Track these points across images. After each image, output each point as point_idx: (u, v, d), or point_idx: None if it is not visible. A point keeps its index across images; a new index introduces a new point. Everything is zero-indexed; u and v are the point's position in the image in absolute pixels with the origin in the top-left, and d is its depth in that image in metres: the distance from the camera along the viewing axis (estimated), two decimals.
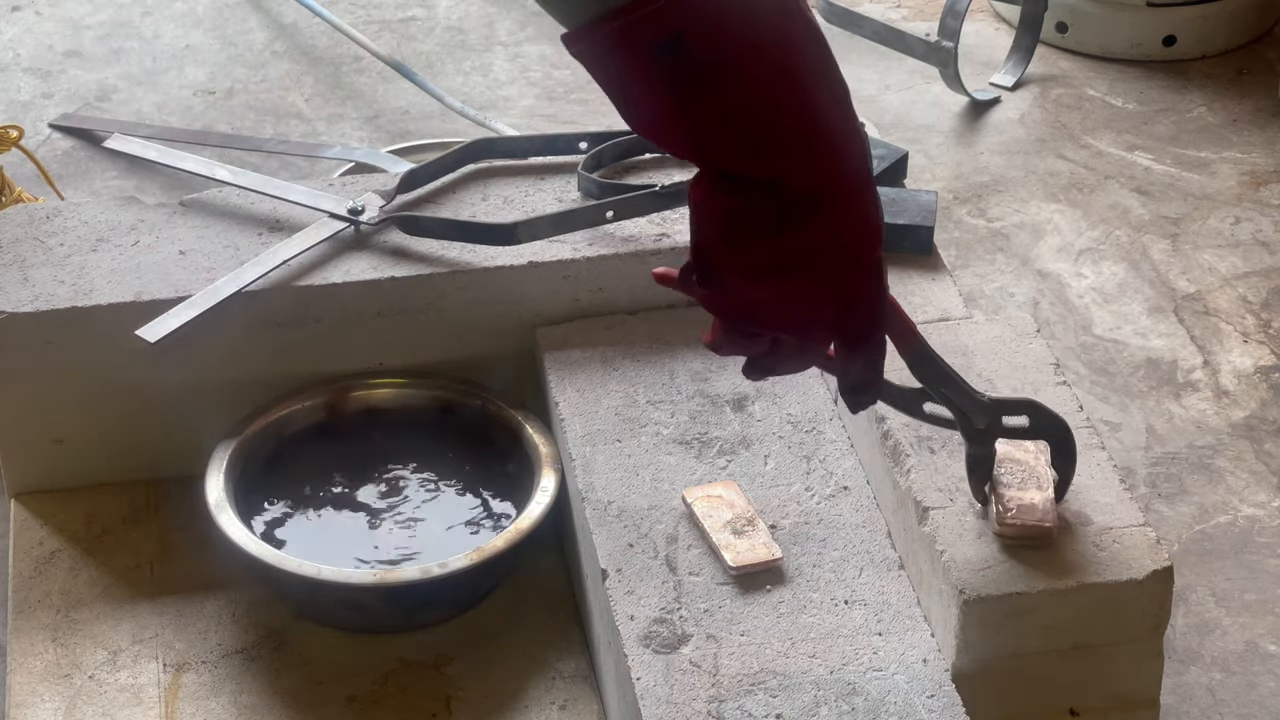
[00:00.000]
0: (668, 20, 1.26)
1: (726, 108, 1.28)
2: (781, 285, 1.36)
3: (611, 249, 1.92)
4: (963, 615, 1.56)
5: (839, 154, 1.32)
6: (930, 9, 2.96)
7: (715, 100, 1.28)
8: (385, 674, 1.77)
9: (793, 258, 1.34)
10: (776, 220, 1.32)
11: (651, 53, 1.26)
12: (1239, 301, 2.40)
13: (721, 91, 1.28)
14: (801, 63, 1.30)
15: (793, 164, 1.30)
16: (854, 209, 1.35)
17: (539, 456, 1.85)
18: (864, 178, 1.34)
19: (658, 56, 1.26)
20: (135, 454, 1.94)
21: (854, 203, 1.34)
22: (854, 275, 1.38)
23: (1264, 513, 2.09)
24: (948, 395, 1.57)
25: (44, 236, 1.94)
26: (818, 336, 1.43)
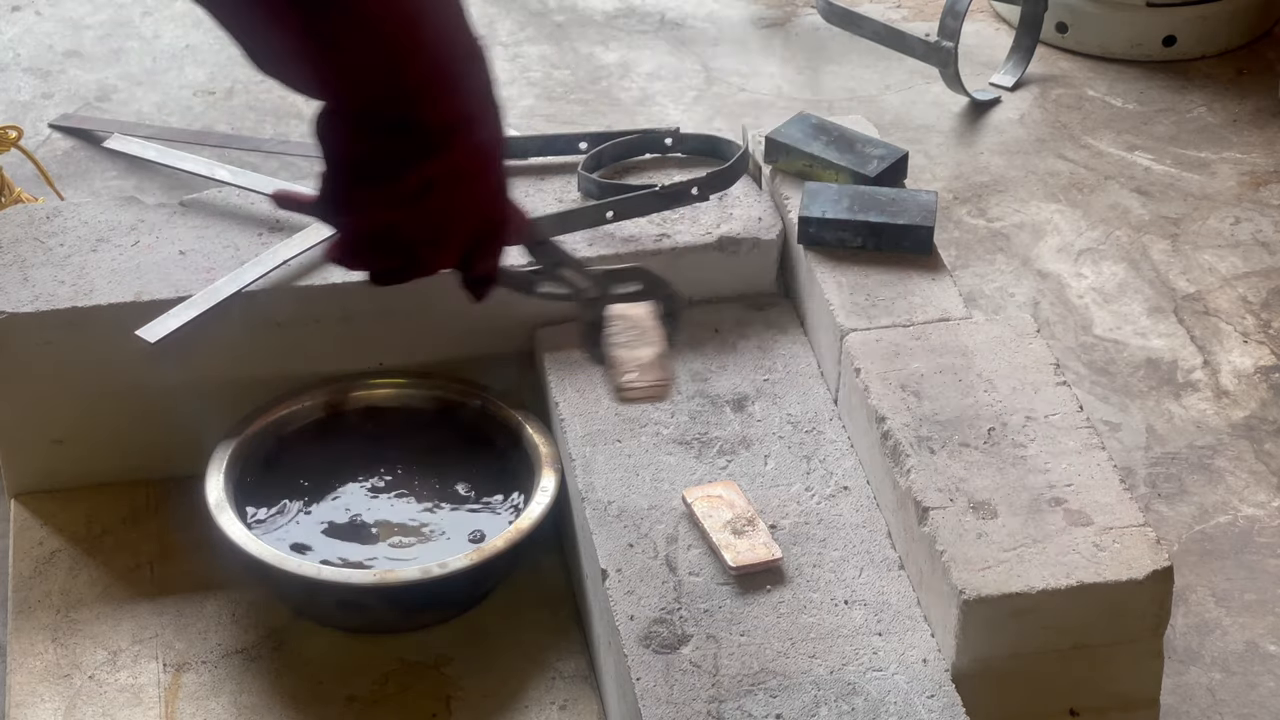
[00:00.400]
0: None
1: (364, 53, 1.35)
2: (423, 206, 1.44)
3: (611, 249, 1.92)
4: (963, 615, 1.56)
5: (467, 86, 1.41)
6: (930, 9, 2.96)
7: (353, 46, 1.34)
8: (385, 674, 1.77)
9: (433, 182, 1.42)
10: (416, 151, 1.40)
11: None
12: (1239, 301, 2.40)
13: (360, 38, 1.33)
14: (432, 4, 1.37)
15: (428, 103, 1.38)
16: (483, 129, 1.44)
17: (539, 456, 1.85)
18: (488, 100, 1.44)
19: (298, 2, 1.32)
20: (135, 454, 1.94)
21: (482, 123, 1.44)
22: (486, 186, 1.48)
23: (1264, 513, 2.09)
24: (561, 274, 1.65)
25: (44, 236, 1.94)
26: (449, 249, 1.50)
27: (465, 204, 1.48)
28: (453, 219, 1.48)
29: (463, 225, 1.50)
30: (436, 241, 1.49)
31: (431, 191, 1.44)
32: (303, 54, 1.36)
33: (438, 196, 1.44)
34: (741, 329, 1.93)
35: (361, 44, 1.35)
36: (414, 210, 1.45)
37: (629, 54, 2.87)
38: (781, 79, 2.82)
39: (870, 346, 1.79)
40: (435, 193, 1.44)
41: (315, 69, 1.37)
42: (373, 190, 1.43)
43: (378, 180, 1.43)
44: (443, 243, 1.50)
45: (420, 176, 1.42)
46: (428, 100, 1.39)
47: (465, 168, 1.45)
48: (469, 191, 1.47)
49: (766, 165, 2.00)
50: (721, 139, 2.03)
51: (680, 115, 2.72)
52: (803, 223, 1.90)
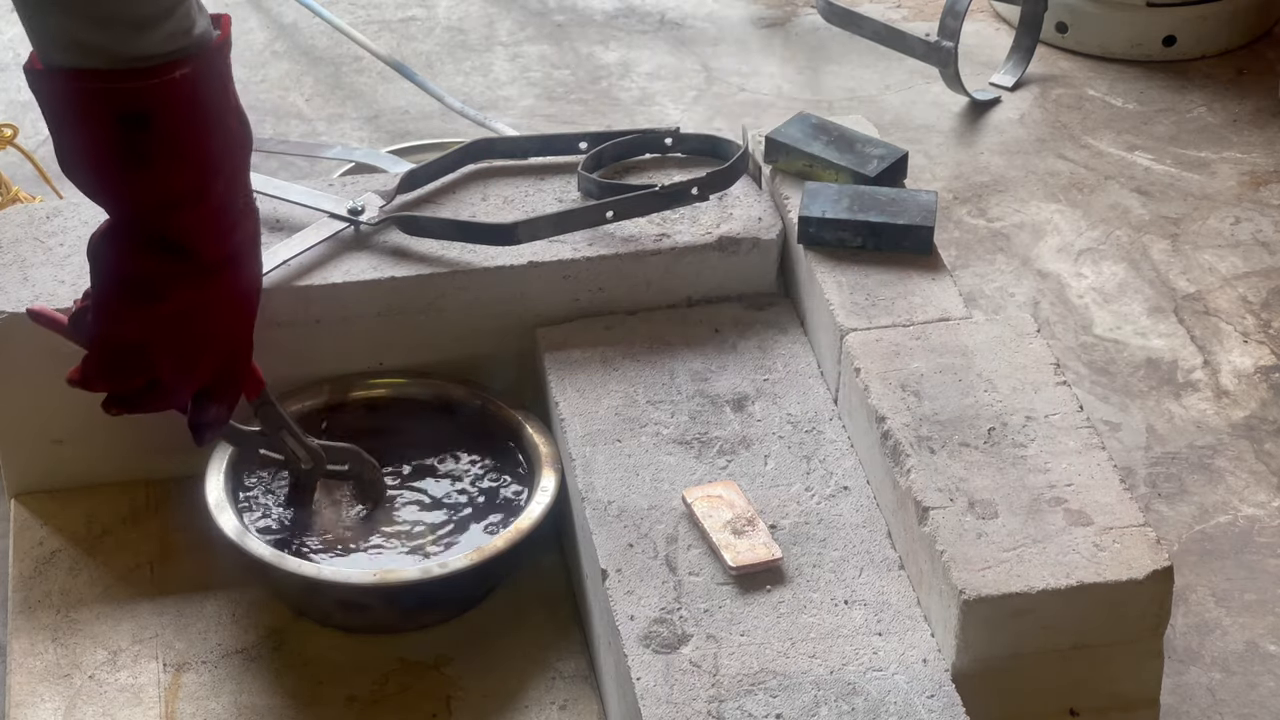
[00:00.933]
0: (144, 100, 1.45)
1: (167, 186, 1.50)
2: (177, 330, 1.57)
3: (611, 249, 1.92)
4: (963, 615, 1.56)
5: (244, 233, 1.58)
6: (930, 9, 2.96)
7: (159, 177, 1.49)
8: (385, 674, 1.77)
9: (195, 308, 1.57)
10: (190, 282, 1.55)
11: (116, 120, 1.45)
12: (1239, 301, 2.40)
13: (167, 171, 1.49)
14: (235, 153, 1.54)
15: (211, 238, 1.55)
16: (247, 274, 1.62)
17: (539, 456, 1.85)
18: (256, 254, 1.63)
19: (121, 125, 1.45)
20: (135, 454, 1.94)
21: (248, 269, 1.62)
22: (238, 329, 1.64)
23: (1264, 513, 2.09)
24: (283, 439, 1.79)
25: (44, 236, 1.94)
26: (193, 378, 1.64)
27: (216, 337, 1.61)
28: (201, 349, 1.61)
29: (209, 357, 1.63)
30: (181, 369, 1.61)
31: (188, 318, 1.57)
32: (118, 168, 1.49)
33: (193, 323, 1.58)
34: (741, 329, 1.93)
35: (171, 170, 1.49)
36: (168, 331, 1.58)
37: (629, 54, 2.87)
38: (781, 79, 2.82)
39: (870, 346, 1.79)
40: (192, 319, 1.58)
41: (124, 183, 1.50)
42: (135, 306, 1.56)
43: (142, 297, 1.56)
44: (186, 371, 1.62)
45: (183, 299, 1.56)
46: (212, 234, 1.55)
47: (224, 303, 1.59)
48: (222, 327, 1.61)
49: (766, 165, 2.00)
50: (721, 139, 2.03)
51: (680, 115, 2.72)
52: (803, 222, 1.90)
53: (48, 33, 1.45)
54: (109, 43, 1.43)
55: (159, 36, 1.44)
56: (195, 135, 1.49)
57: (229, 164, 1.53)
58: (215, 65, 1.49)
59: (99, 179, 1.51)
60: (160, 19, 1.45)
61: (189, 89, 1.47)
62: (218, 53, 1.49)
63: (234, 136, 1.53)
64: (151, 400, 1.64)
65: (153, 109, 1.45)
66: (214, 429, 1.70)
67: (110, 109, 1.45)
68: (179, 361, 1.61)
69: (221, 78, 1.50)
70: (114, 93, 1.44)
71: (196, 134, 1.49)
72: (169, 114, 1.46)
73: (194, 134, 1.49)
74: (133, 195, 1.51)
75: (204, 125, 1.50)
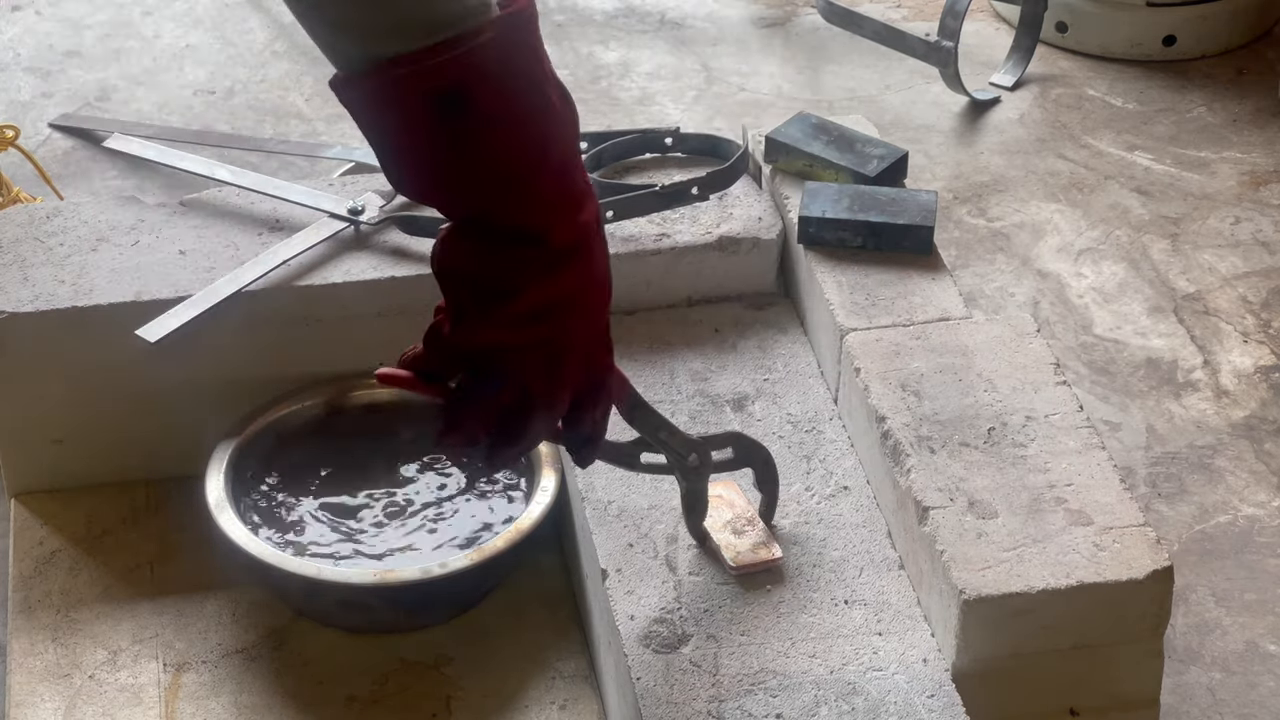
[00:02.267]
0: (453, 73, 1.32)
1: (499, 165, 1.37)
2: (542, 329, 1.43)
3: (611, 249, 1.91)
4: (963, 615, 1.56)
5: (589, 209, 1.44)
6: (930, 9, 2.96)
7: (489, 157, 1.36)
8: (385, 674, 1.77)
9: (557, 301, 1.43)
10: (543, 270, 1.41)
11: (431, 104, 1.33)
12: (1239, 301, 2.40)
13: (496, 149, 1.36)
14: (563, 127, 1.40)
15: (557, 218, 1.40)
16: (600, 258, 1.46)
17: (539, 456, 1.85)
18: (602, 231, 1.47)
19: (437, 109, 1.33)
20: (135, 454, 1.94)
21: (600, 253, 1.46)
22: (598, 325, 1.49)
23: (1264, 513, 2.09)
24: (662, 439, 1.64)
25: (44, 236, 1.94)
26: (563, 385, 1.48)
27: (582, 333, 1.47)
28: (565, 347, 1.46)
29: (575, 358, 1.47)
30: (548, 375, 1.46)
31: (552, 314, 1.43)
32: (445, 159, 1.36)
33: (557, 319, 1.44)
34: (741, 329, 1.93)
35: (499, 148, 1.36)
36: (529, 332, 1.44)
37: (629, 54, 2.87)
38: (781, 79, 2.82)
39: (870, 346, 1.79)
40: (555, 315, 1.44)
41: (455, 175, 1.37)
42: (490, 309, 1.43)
43: (496, 297, 1.42)
44: (554, 377, 1.47)
45: (539, 294, 1.42)
46: (556, 213, 1.41)
47: (581, 296, 1.45)
48: (585, 321, 1.46)
49: (766, 165, 2.00)
50: (721, 139, 2.03)
51: (680, 115, 2.72)
52: (803, 222, 1.90)
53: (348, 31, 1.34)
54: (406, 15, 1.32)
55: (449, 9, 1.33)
56: (516, 106, 1.36)
57: (559, 136, 1.40)
58: (522, 30, 1.38)
59: (429, 177, 1.39)
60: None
61: (499, 55, 1.35)
62: (522, 16, 1.38)
63: (556, 109, 1.39)
64: (525, 421, 1.48)
65: (466, 83, 1.33)
66: (595, 444, 1.56)
67: (423, 91, 1.33)
68: (545, 366, 1.46)
69: (531, 45, 1.39)
70: (422, 73, 1.32)
71: (517, 104, 1.36)
72: (484, 86, 1.34)
73: (515, 105, 1.36)
74: (466, 187, 1.38)
75: (523, 95, 1.37)
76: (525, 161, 1.38)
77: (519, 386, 1.47)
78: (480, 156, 1.36)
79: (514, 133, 1.37)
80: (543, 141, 1.39)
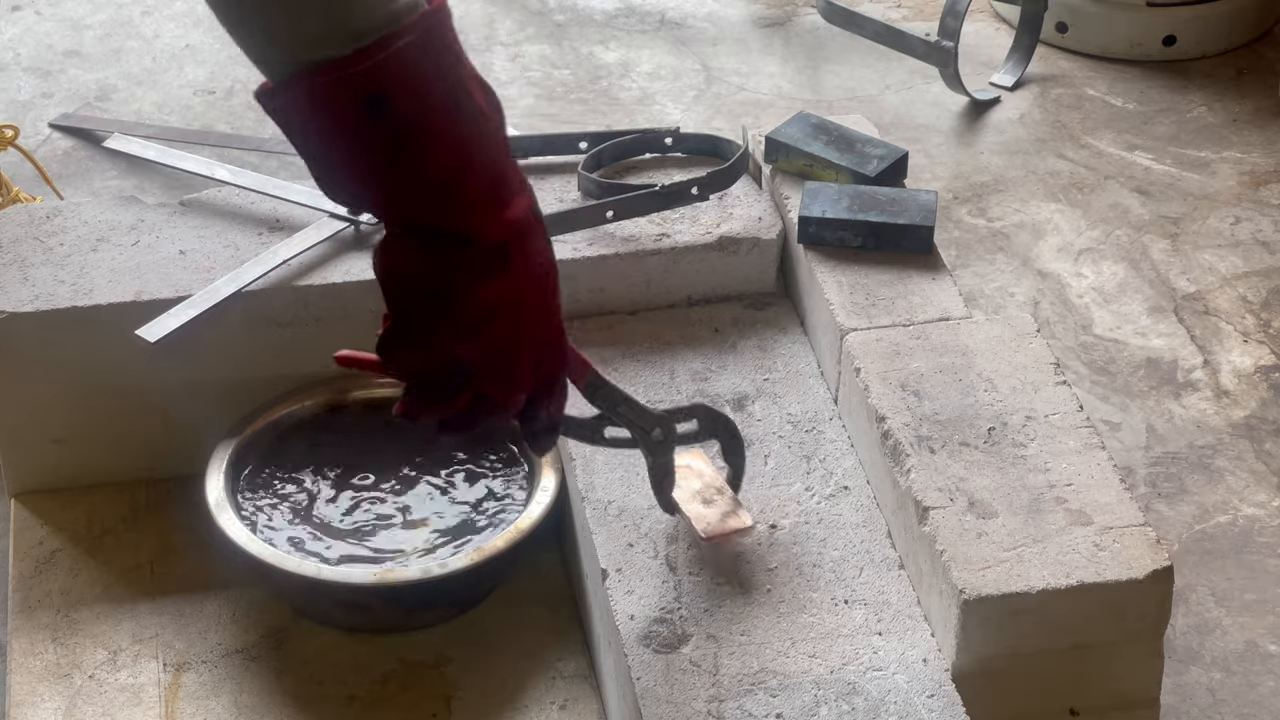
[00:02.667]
0: (378, 78, 1.34)
1: (427, 167, 1.37)
2: (488, 334, 1.44)
3: (611, 249, 1.92)
4: (963, 615, 1.56)
5: (520, 203, 1.44)
6: (930, 9, 2.96)
7: (417, 158, 1.37)
8: (385, 674, 1.77)
9: (499, 303, 1.43)
10: (479, 271, 1.42)
11: (361, 108, 1.34)
12: (1239, 301, 2.40)
13: (422, 152, 1.37)
14: (488, 124, 1.40)
15: (486, 217, 1.41)
16: (537, 254, 1.46)
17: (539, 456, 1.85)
18: (539, 221, 1.46)
19: (367, 112, 1.34)
20: (135, 454, 1.94)
21: (537, 248, 1.46)
22: (546, 317, 1.49)
23: (1264, 513, 2.09)
24: (624, 414, 1.64)
25: (44, 236, 1.94)
26: (520, 383, 1.50)
27: (529, 332, 1.48)
28: (517, 349, 1.47)
29: (527, 357, 1.49)
30: (503, 376, 1.48)
31: (495, 318, 1.44)
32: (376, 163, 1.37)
33: (501, 322, 1.45)
34: (741, 329, 1.93)
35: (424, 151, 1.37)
36: (478, 340, 1.45)
37: (629, 54, 2.87)
38: (781, 79, 2.82)
39: (870, 346, 1.79)
40: (499, 319, 1.44)
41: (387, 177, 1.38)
42: (434, 314, 1.43)
43: (438, 302, 1.43)
44: (509, 377, 1.49)
45: (485, 297, 1.43)
46: (486, 211, 1.41)
47: (525, 291, 1.45)
48: (531, 320, 1.47)
49: (766, 165, 2.00)
50: (721, 139, 2.03)
51: (680, 115, 2.72)
52: (803, 222, 1.90)
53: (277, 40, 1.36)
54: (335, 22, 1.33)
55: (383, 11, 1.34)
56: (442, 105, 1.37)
57: (486, 133, 1.41)
58: (440, 29, 1.37)
59: (361, 182, 1.40)
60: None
61: (422, 56, 1.35)
62: (439, 15, 1.38)
63: (481, 106, 1.40)
64: (481, 415, 1.50)
65: (394, 85, 1.34)
66: (552, 433, 1.57)
67: (353, 95, 1.34)
68: (497, 367, 1.47)
69: (449, 43, 1.38)
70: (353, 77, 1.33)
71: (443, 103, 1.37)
72: (410, 87, 1.35)
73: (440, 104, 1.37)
74: (397, 190, 1.39)
75: (445, 95, 1.38)
76: (453, 160, 1.39)
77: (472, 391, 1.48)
78: (409, 158, 1.37)
79: (441, 132, 1.38)
80: (469, 139, 1.39)
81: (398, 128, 1.35)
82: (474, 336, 1.44)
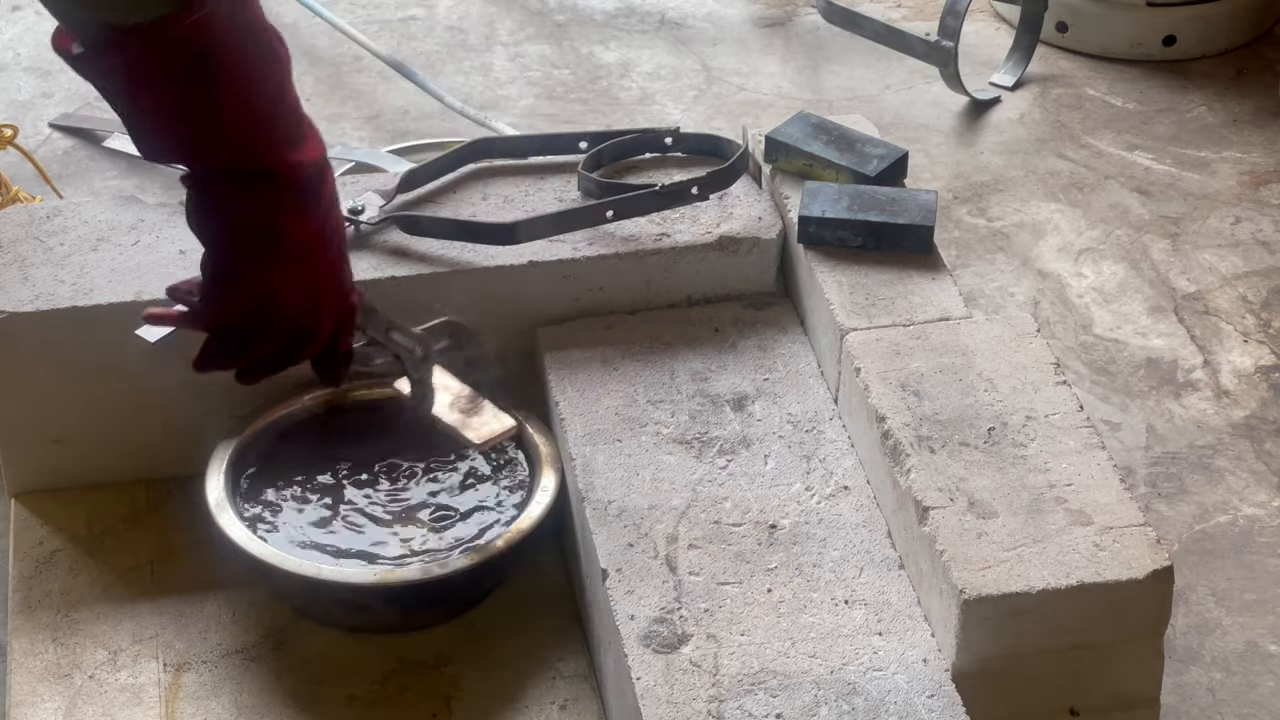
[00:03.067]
0: (199, 35, 1.43)
1: (246, 110, 1.48)
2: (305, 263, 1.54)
3: (611, 249, 1.92)
4: (963, 615, 1.56)
5: (317, 140, 1.54)
6: (930, 9, 2.96)
7: (236, 105, 1.48)
8: (385, 674, 1.77)
9: (311, 233, 1.54)
10: (294, 203, 1.52)
11: (183, 65, 1.44)
12: (1239, 301, 2.40)
13: (242, 97, 1.47)
14: (286, 66, 1.51)
15: (296, 152, 1.51)
16: (333, 181, 1.57)
17: (539, 456, 1.85)
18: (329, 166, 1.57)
19: (187, 68, 1.44)
20: (135, 454, 1.94)
21: (332, 176, 1.56)
22: (342, 240, 1.59)
23: (1264, 513, 2.09)
24: (393, 338, 1.71)
25: (44, 236, 1.94)
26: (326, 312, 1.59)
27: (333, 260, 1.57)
28: (327, 282, 1.57)
29: (334, 289, 1.59)
30: (315, 305, 1.57)
31: (310, 247, 1.54)
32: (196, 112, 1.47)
33: (314, 250, 1.54)
34: (741, 329, 1.93)
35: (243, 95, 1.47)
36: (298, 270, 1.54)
37: (629, 54, 2.87)
38: (781, 79, 2.82)
39: (870, 346, 1.79)
40: (312, 247, 1.54)
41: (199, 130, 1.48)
42: (255, 251, 1.53)
43: (263, 238, 1.52)
44: (320, 307, 1.58)
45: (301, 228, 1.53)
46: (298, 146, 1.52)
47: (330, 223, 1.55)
48: (335, 248, 1.57)
49: (766, 165, 2.00)
50: (721, 138, 2.03)
51: (680, 115, 2.72)
52: (803, 222, 1.90)
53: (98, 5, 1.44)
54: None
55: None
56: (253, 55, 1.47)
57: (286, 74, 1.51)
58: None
59: (180, 134, 1.49)
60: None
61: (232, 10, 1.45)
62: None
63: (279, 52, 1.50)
64: (289, 355, 1.60)
65: (212, 41, 1.43)
66: (347, 364, 1.66)
67: (177, 53, 1.43)
68: (312, 296, 1.57)
69: None
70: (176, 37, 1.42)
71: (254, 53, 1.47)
72: (226, 42, 1.45)
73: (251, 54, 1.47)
74: (217, 137, 1.48)
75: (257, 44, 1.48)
76: (266, 103, 1.48)
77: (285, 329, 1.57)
78: (228, 105, 1.46)
79: (254, 79, 1.47)
80: (276, 83, 1.49)
81: (221, 76, 1.45)
82: (294, 267, 1.54)
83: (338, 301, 1.60)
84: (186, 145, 1.50)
